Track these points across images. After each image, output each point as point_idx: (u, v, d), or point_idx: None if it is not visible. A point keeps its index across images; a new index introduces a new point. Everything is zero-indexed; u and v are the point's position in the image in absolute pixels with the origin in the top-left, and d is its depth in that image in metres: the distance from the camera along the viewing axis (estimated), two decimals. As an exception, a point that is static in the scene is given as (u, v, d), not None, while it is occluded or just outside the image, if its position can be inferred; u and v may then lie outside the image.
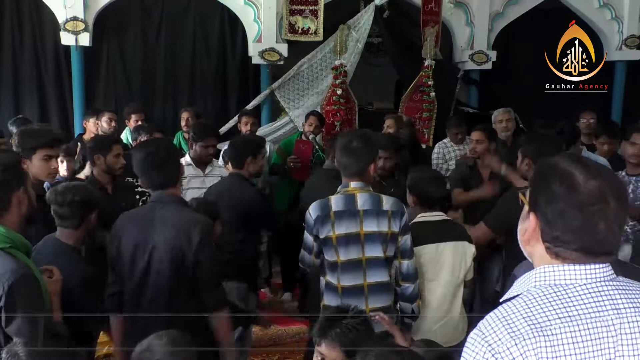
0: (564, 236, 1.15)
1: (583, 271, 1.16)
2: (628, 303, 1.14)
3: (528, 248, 1.26)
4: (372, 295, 2.69)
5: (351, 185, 2.70)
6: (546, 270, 1.18)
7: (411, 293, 2.75)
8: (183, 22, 6.52)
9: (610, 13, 7.18)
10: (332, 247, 2.68)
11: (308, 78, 6.31)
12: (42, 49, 6.30)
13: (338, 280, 2.70)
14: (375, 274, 2.69)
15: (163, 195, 2.55)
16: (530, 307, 1.13)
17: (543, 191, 1.18)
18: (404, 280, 2.75)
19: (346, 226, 2.66)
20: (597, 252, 1.15)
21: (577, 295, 1.14)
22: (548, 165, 1.22)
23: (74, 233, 2.62)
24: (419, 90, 6.34)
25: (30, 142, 2.88)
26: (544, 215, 1.18)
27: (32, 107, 6.26)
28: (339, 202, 2.68)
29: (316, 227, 2.69)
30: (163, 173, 2.54)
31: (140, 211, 2.76)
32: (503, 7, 7.00)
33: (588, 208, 1.12)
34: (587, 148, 4.89)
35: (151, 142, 2.99)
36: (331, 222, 2.66)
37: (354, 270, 2.68)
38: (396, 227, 2.67)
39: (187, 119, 5.70)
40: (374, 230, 2.66)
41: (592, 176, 1.14)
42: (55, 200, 2.56)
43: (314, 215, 2.70)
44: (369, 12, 6.33)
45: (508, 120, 5.33)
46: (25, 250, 2.03)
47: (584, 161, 1.19)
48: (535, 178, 1.26)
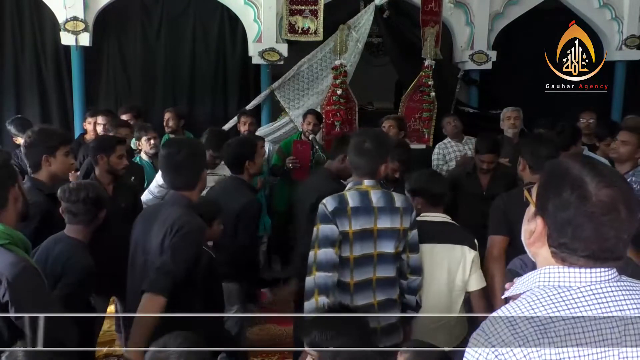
0: (572, 244, 1.14)
1: (587, 274, 1.15)
2: (632, 304, 1.14)
3: (532, 249, 1.25)
4: (380, 288, 2.74)
5: (364, 183, 2.74)
6: (551, 271, 1.18)
7: (417, 285, 2.84)
8: (183, 22, 6.53)
9: (610, 13, 7.18)
10: (348, 242, 2.68)
11: (308, 78, 6.31)
12: (42, 49, 6.31)
13: (351, 276, 2.70)
14: (384, 269, 2.74)
15: (175, 196, 2.56)
16: (534, 308, 1.13)
17: (553, 197, 1.17)
18: (411, 273, 2.82)
19: (362, 222, 2.68)
20: (604, 258, 1.15)
21: (581, 297, 1.14)
22: (559, 170, 1.20)
23: (84, 229, 2.67)
24: (419, 90, 6.34)
25: (55, 139, 2.98)
26: (552, 221, 1.17)
27: (32, 107, 6.28)
28: (355, 198, 2.69)
29: (335, 219, 2.63)
30: (179, 176, 2.54)
31: (151, 208, 2.77)
32: (503, 7, 7.00)
33: (599, 218, 1.11)
34: (588, 148, 4.90)
35: (175, 142, 2.90)
36: (348, 218, 2.66)
37: (365, 265, 2.72)
38: (407, 223, 2.73)
39: (168, 119, 5.63)
40: (387, 226, 2.69)
41: (604, 185, 1.12)
42: (68, 198, 2.61)
43: (330, 207, 2.64)
44: (369, 12, 6.32)
45: (516, 118, 5.40)
46: (24, 247, 2.04)
47: (595, 167, 1.17)
48: (545, 182, 1.23)
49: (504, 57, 7.07)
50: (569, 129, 4.55)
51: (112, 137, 3.82)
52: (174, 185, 2.57)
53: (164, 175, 2.64)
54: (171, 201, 2.58)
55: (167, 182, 2.63)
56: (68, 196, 2.60)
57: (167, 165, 2.55)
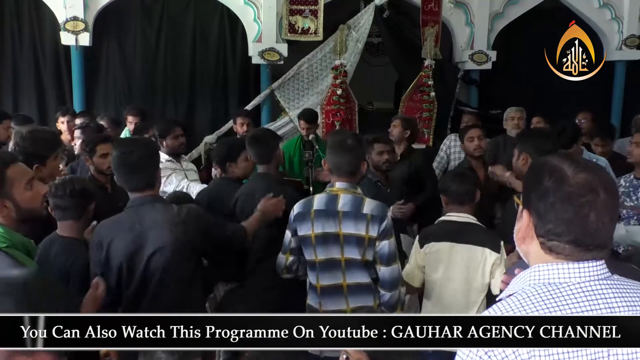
0: (556, 228, 1.16)
1: (577, 270, 1.16)
2: (621, 302, 1.15)
3: (523, 247, 1.26)
4: (352, 295, 2.69)
5: (336, 185, 2.70)
6: (540, 269, 1.19)
7: (389, 300, 2.67)
8: (183, 22, 6.52)
9: (610, 13, 7.18)
10: (311, 246, 2.69)
11: (308, 78, 6.31)
12: (41, 49, 6.31)
13: (317, 279, 2.71)
14: (354, 275, 2.67)
15: (143, 198, 2.44)
16: (524, 305, 1.14)
17: (534, 187, 1.21)
18: (381, 287, 2.69)
19: (323, 225, 2.66)
20: (589, 244, 1.16)
21: (570, 294, 1.14)
22: (539, 163, 1.26)
23: (75, 224, 2.63)
24: (419, 90, 6.34)
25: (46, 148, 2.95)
26: (536, 210, 1.20)
27: (31, 107, 6.27)
28: (321, 201, 2.70)
29: (295, 224, 2.72)
30: (137, 176, 2.42)
31: (123, 218, 2.47)
32: (503, 7, 7.00)
33: (578, 199, 1.14)
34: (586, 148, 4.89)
35: (127, 141, 2.87)
36: (311, 221, 2.68)
37: (332, 270, 2.68)
38: (374, 231, 2.60)
39: (132, 122, 5.38)
40: (351, 232, 2.63)
41: (581, 170, 1.17)
42: (54, 194, 2.56)
43: (295, 212, 2.73)
44: (369, 12, 6.32)
45: (520, 118, 5.39)
46: (25, 250, 2.02)
47: (573, 157, 1.23)
48: (527, 176, 1.30)
49: (504, 57, 7.08)
50: (570, 128, 4.55)
51: (93, 138, 3.68)
52: (135, 187, 2.44)
53: (120, 178, 2.47)
54: (144, 203, 2.43)
55: (125, 184, 2.47)
56: (54, 191, 2.56)
57: (123, 166, 2.42)
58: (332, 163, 2.72)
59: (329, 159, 2.73)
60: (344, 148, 2.68)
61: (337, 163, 2.70)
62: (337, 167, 2.70)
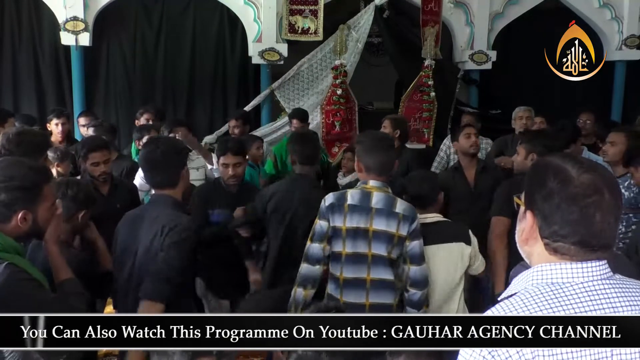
0: (561, 230, 1.16)
1: (580, 269, 1.16)
2: (624, 302, 1.15)
3: (526, 248, 1.26)
4: (374, 290, 2.74)
5: (370, 183, 2.77)
6: (543, 269, 1.18)
7: (418, 299, 2.77)
8: (183, 22, 6.52)
9: (610, 13, 7.18)
10: (341, 238, 2.75)
11: (308, 78, 6.31)
12: (41, 49, 6.31)
13: (341, 271, 2.76)
14: (379, 271, 2.74)
15: (159, 196, 2.52)
16: (527, 305, 1.13)
17: (538, 188, 1.20)
18: (411, 286, 2.77)
19: (357, 220, 2.72)
20: (594, 245, 1.16)
21: (573, 294, 1.14)
22: (541, 163, 1.25)
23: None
24: (419, 90, 6.34)
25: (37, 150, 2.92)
26: (540, 211, 1.19)
27: (31, 107, 6.26)
28: (355, 196, 2.76)
29: (329, 214, 2.76)
30: (158, 173, 2.50)
31: (135, 211, 2.66)
32: (503, 7, 7.00)
33: (583, 200, 1.14)
34: (587, 148, 4.88)
35: (153, 140, 2.88)
36: (344, 214, 2.73)
37: (358, 264, 2.74)
38: (404, 230, 2.71)
39: (148, 120, 5.18)
40: (382, 229, 2.71)
41: (585, 170, 1.16)
42: None
43: (328, 202, 2.78)
44: (369, 12, 6.32)
45: (528, 117, 5.39)
46: (15, 252, 1.99)
47: (576, 158, 1.22)
48: (530, 178, 1.28)
49: (504, 57, 7.08)
50: (569, 127, 4.54)
51: (89, 144, 3.60)
52: (156, 183, 2.53)
53: (145, 175, 2.64)
54: (157, 201, 2.54)
55: (149, 181, 2.62)
56: None
57: (147, 163, 2.53)
58: (370, 162, 2.79)
59: (364, 158, 2.80)
60: (382, 148, 2.79)
61: (374, 162, 2.77)
62: (374, 167, 2.77)
